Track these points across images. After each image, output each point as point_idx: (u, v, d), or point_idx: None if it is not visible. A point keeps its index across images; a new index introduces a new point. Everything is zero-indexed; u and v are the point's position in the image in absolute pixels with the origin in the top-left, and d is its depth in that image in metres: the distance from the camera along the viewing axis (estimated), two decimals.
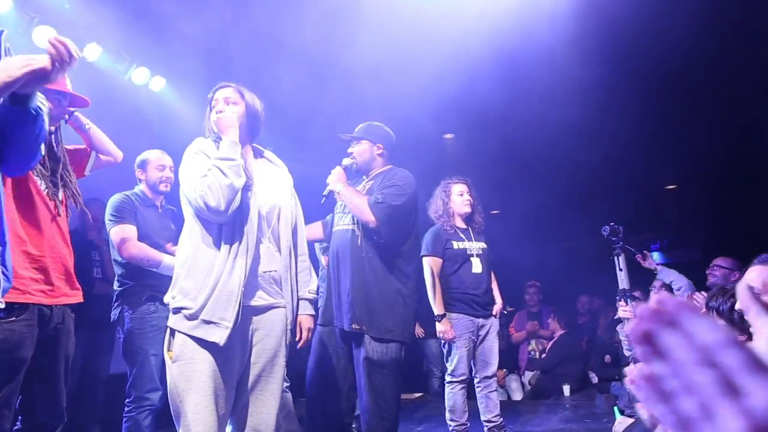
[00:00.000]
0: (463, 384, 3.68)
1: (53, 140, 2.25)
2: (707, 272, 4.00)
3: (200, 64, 4.70)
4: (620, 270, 3.39)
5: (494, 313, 3.85)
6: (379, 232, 2.85)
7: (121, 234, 3.00)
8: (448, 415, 3.66)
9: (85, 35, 4.26)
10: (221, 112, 2.24)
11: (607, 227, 3.49)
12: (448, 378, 3.70)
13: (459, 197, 3.88)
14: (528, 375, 6.37)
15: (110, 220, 3.06)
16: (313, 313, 2.40)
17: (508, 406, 5.65)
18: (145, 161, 3.27)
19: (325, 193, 2.98)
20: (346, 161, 3.08)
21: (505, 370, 6.46)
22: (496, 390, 3.90)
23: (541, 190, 7.07)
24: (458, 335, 3.65)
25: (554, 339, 6.38)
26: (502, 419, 3.80)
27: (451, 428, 3.62)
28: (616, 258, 3.40)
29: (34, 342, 1.99)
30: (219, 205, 2.04)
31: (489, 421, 3.76)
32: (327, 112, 4.90)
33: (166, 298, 2.16)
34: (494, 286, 3.97)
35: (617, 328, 3.60)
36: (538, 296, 6.73)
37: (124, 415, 2.96)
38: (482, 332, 3.76)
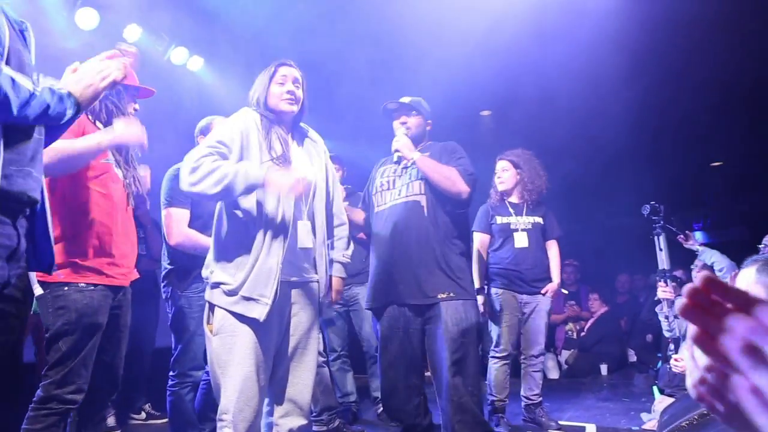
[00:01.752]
0: (505, 360, 3.66)
1: None
2: (761, 248, 3.85)
3: (238, 43, 4.74)
4: (660, 250, 3.31)
5: (544, 291, 3.73)
6: (466, 202, 2.79)
7: (169, 219, 2.92)
8: (486, 390, 3.67)
9: (125, 16, 4.33)
10: (292, 92, 2.24)
11: (648, 206, 3.42)
12: (490, 353, 3.71)
13: (498, 174, 3.86)
14: (565, 354, 6.33)
15: (163, 201, 2.98)
16: (345, 276, 2.43)
17: (544, 385, 5.63)
18: (207, 127, 3.08)
19: (395, 160, 2.84)
20: (401, 131, 2.90)
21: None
22: (540, 370, 3.86)
23: (579, 167, 6.92)
24: (500, 310, 3.64)
25: (594, 317, 6.31)
26: (540, 398, 3.80)
27: (488, 402, 3.64)
28: (656, 238, 3.33)
29: (107, 311, 2.20)
30: (186, 185, 2.06)
31: (527, 398, 3.78)
32: (364, 96, 4.89)
33: (205, 273, 2.18)
34: (553, 263, 3.84)
35: (656, 309, 3.53)
36: (575, 275, 6.65)
37: (168, 389, 3.04)
38: (527, 309, 3.71)
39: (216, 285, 2.11)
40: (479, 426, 2.66)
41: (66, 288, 2.10)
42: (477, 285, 3.58)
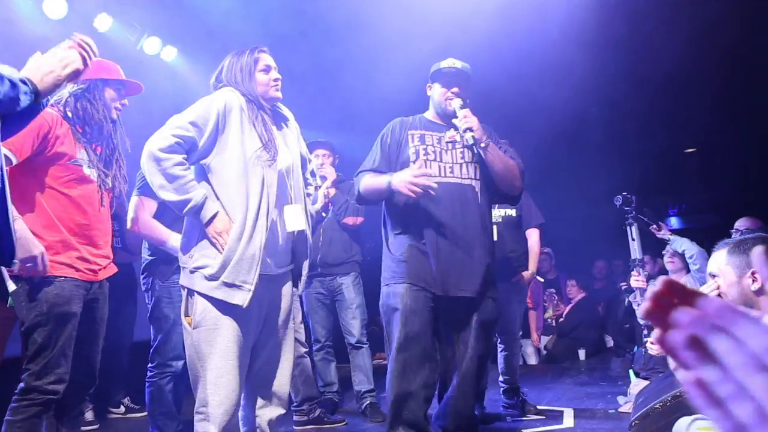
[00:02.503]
0: None
1: (113, 129, 2.37)
2: (733, 232, 3.94)
3: (212, 32, 4.67)
4: (633, 240, 3.37)
5: (516, 278, 3.74)
6: (517, 198, 2.70)
7: (137, 206, 2.94)
8: None
9: (95, 5, 4.24)
10: (278, 79, 2.26)
11: (620, 197, 3.46)
12: None
13: None
14: (544, 340, 6.41)
15: (136, 189, 2.99)
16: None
17: (524, 371, 5.70)
18: None
19: (470, 142, 2.47)
20: (457, 102, 2.57)
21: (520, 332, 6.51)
22: (515, 354, 3.92)
23: (555, 156, 6.99)
24: None
25: (572, 303, 6.40)
26: (517, 383, 3.84)
27: None
28: (628, 228, 3.38)
29: (81, 302, 2.19)
30: (149, 173, 2.05)
31: (504, 383, 3.83)
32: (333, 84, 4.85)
33: (183, 258, 2.14)
34: (531, 251, 3.87)
35: (630, 298, 3.60)
36: (549, 263, 6.72)
37: (147, 380, 3.04)
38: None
39: (196, 269, 2.06)
40: (474, 428, 2.67)
41: (36, 280, 2.09)
42: None
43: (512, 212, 3.81)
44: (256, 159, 2.10)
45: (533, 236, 3.92)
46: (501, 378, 3.85)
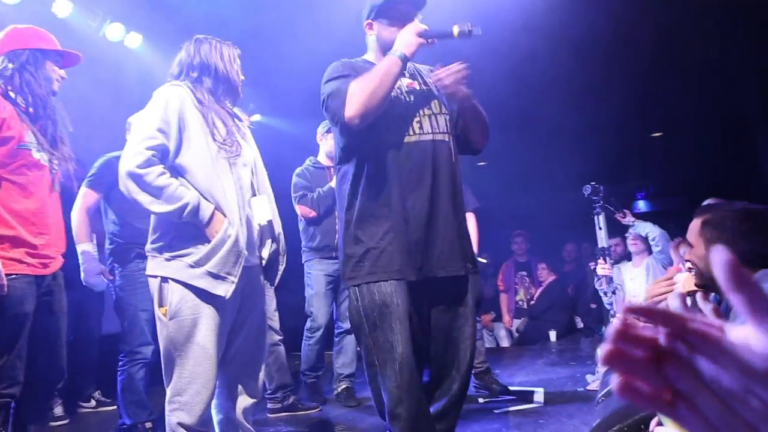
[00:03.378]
0: None
1: (52, 102, 2.22)
2: None
3: (177, 18, 4.57)
4: (600, 229, 3.45)
5: None
6: (480, 151, 2.28)
7: (81, 197, 3.00)
8: None
9: None
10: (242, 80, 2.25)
11: (589, 186, 3.52)
12: None
13: None
14: (516, 323, 6.52)
15: (86, 179, 3.05)
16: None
17: (496, 353, 5.81)
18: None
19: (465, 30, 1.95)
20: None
21: (493, 313, 6.63)
22: (480, 337, 3.91)
23: (525, 140, 7.06)
24: None
25: (543, 286, 6.51)
26: (487, 365, 3.88)
27: None
28: (596, 217, 3.44)
29: (34, 298, 2.09)
30: (130, 194, 1.99)
31: (474, 366, 3.82)
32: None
33: (152, 246, 2.07)
34: (471, 236, 3.88)
35: (596, 285, 3.68)
36: (525, 245, 6.81)
37: (118, 369, 3.04)
38: None
39: (174, 257, 2.01)
40: None
41: None
42: None
43: None
44: (222, 153, 2.08)
45: (470, 221, 3.89)
46: None
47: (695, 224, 1.71)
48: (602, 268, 3.44)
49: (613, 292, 3.49)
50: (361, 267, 1.99)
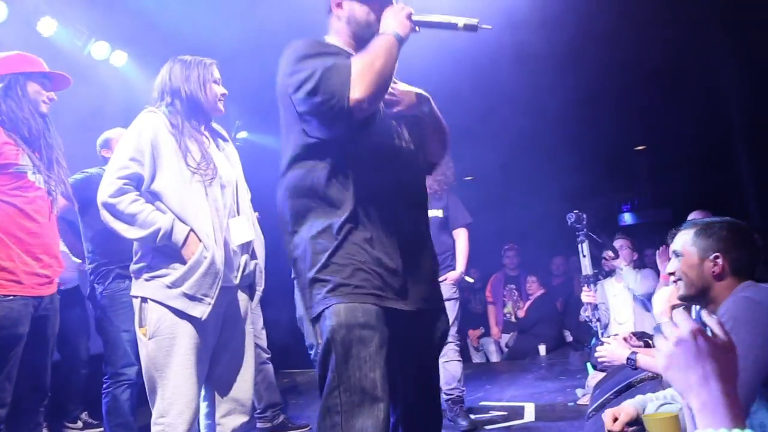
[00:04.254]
0: None
1: (46, 125, 2.25)
2: None
3: (163, 37, 4.57)
4: (584, 256, 3.46)
5: (443, 279, 3.50)
6: (435, 167, 2.01)
7: None
8: None
9: (38, 8, 4.10)
10: (224, 94, 2.24)
11: (573, 215, 3.52)
12: None
13: None
14: (505, 338, 6.51)
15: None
16: None
17: (485, 368, 5.79)
18: (108, 140, 3.14)
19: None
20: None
21: (482, 328, 6.61)
22: (454, 360, 3.61)
23: (512, 155, 7.11)
24: None
25: (532, 299, 6.51)
26: (459, 391, 3.56)
27: None
28: (580, 245, 3.46)
29: (29, 320, 2.11)
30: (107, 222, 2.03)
31: (445, 393, 3.50)
32: None
33: (135, 267, 2.11)
34: (459, 252, 3.75)
35: (582, 312, 3.66)
36: (516, 259, 6.82)
37: (103, 391, 3.00)
38: None
39: (153, 278, 2.04)
40: None
41: None
42: None
43: (439, 213, 3.68)
44: (195, 177, 2.08)
45: (461, 236, 3.80)
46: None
47: (687, 234, 1.74)
48: (587, 295, 3.44)
49: (598, 319, 3.47)
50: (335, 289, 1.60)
